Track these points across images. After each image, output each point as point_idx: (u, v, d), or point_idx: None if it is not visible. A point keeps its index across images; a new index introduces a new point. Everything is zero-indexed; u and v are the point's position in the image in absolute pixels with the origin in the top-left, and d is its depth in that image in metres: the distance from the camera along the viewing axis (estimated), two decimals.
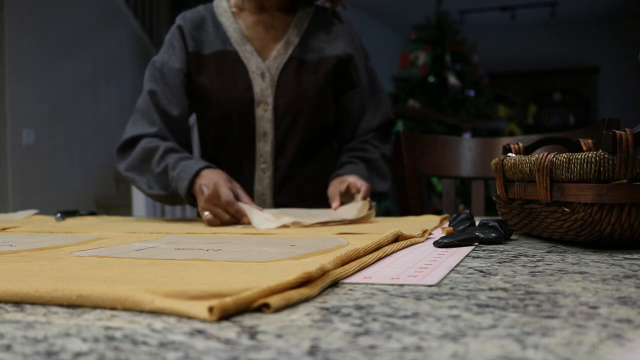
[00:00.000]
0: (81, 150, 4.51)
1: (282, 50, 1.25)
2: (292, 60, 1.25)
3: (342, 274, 0.47)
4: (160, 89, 1.22)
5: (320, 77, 1.25)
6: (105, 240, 0.76)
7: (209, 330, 0.33)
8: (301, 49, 1.26)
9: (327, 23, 1.31)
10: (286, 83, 1.24)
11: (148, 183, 1.17)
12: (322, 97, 1.27)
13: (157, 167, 1.14)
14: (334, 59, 1.26)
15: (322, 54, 1.26)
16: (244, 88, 1.24)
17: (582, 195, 0.62)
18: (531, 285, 0.44)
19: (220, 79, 1.24)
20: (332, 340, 0.30)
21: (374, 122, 1.32)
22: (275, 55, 1.25)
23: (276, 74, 1.24)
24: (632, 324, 0.33)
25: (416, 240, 0.69)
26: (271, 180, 1.27)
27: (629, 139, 0.60)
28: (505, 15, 6.99)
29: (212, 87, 1.24)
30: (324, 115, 1.29)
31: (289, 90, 1.24)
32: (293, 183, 1.29)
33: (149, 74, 1.25)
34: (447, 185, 1.43)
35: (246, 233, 0.84)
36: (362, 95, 1.32)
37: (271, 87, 1.24)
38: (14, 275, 0.48)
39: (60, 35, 4.30)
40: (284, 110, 1.24)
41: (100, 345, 0.30)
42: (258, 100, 1.24)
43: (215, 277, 0.47)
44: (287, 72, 1.24)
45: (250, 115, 1.24)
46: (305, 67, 1.25)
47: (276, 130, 1.25)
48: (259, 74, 1.24)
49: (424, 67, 5.19)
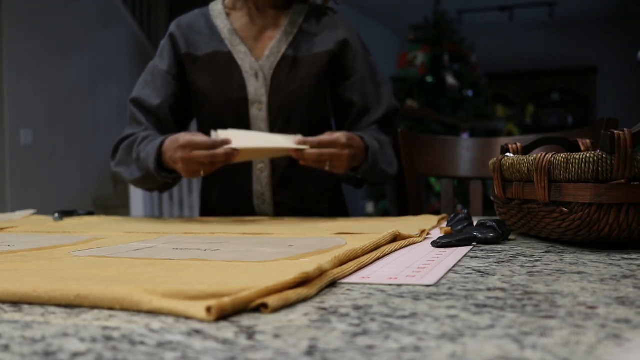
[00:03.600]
0: (79, 150, 4.50)
1: (275, 49, 1.25)
2: (285, 59, 1.25)
3: (340, 274, 0.47)
4: (148, 93, 1.27)
5: (314, 74, 1.25)
6: (103, 240, 0.76)
7: (206, 331, 0.33)
8: (295, 47, 1.26)
9: (320, 17, 1.30)
10: (279, 81, 1.24)
11: (131, 172, 1.22)
12: (317, 94, 1.27)
13: (135, 153, 1.20)
14: (327, 54, 1.26)
15: (315, 50, 1.26)
16: (238, 88, 1.24)
17: (580, 195, 0.62)
18: (529, 285, 0.44)
19: (214, 79, 1.26)
20: (330, 340, 0.30)
21: (377, 115, 1.30)
22: (268, 55, 1.25)
23: (269, 72, 1.25)
24: (630, 324, 0.33)
25: (414, 240, 0.69)
26: (270, 179, 1.27)
27: (627, 139, 0.60)
28: (504, 15, 6.99)
29: (206, 88, 1.26)
30: (319, 112, 1.29)
31: (282, 88, 1.24)
32: (292, 182, 1.29)
33: (141, 79, 1.31)
34: (445, 185, 1.43)
35: (244, 233, 0.84)
36: (362, 85, 1.30)
37: (265, 87, 1.24)
38: (12, 275, 0.48)
39: (58, 36, 4.29)
40: (277, 108, 1.25)
41: (98, 345, 0.30)
42: (252, 100, 1.25)
43: (213, 277, 0.47)
44: (280, 70, 1.25)
45: (245, 115, 1.25)
46: (299, 64, 1.25)
47: (271, 129, 1.25)
48: (252, 74, 1.24)
49: (422, 67, 5.19)
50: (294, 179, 1.29)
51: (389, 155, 1.28)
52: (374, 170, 1.21)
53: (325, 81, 1.29)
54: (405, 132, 1.41)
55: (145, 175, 1.18)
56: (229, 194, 1.31)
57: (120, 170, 1.25)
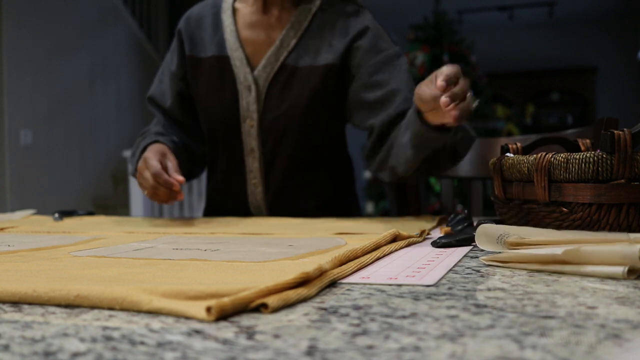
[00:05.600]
0: (79, 150, 4.50)
1: (272, 58, 1.15)
2: (283, 69, 1.14)
3: (340, 274, 0.47)
4: (160, 92, 1.27)
5: (309, 92, 1.13)
6: (103, 241, 0.76)
7: (206, 331, 0.33)
8: (296, 54, 1.14)
9: (333, 14, 1.16)
10: (273, 98, 1.15)
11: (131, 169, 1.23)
12: (312, 115, 1.15)
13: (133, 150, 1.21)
14: (327, 67, 1.12)
15: (317, 60, 1.14)
16: (230, 101, 1.18)
17: (580, 195, 0.62)
18: (529, 285, 0.44)
19: (210, 88, 1.20)
20: (330, 340, 0.30)
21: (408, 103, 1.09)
22: (265, 64, 1.15)
23: (264, 85, 1.15)
24: (630, 324, 0.33)
25: (414, 240, 0.69)
26: (264, 195, 1.21)
27: (627, 139, 0.60)
28: (504, 15, 6.99)
29: (202, 96, 1.21)
30: (313, 134, 1.18)
31: (274, 106, 1.15)
32: (287, 199, 1.22)
33: (159, 74, 1.31)
34: (445, 185, 1.43)
35: (244, 233, 0.84)
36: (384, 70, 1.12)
37: (257, 103, 1.16)
38: (12, 275, 0.48)
39: (58, 35, 4.29)
40: (268, 128, 1.16)
41: (98, 345, 0.30)
42: (244, 116, 1.17)
43: (213, 277, 0.46)
44: (275, 85, 1.15)
45: (237, 130, 1.19)
46: (296, 78, 1.14)
47: (263, 147, 1.18)
48: (246, 86, 1.16)
49: (422, 67, 5.18)
50: (288, 195, 1.21)
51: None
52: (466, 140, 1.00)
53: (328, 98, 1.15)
54: None
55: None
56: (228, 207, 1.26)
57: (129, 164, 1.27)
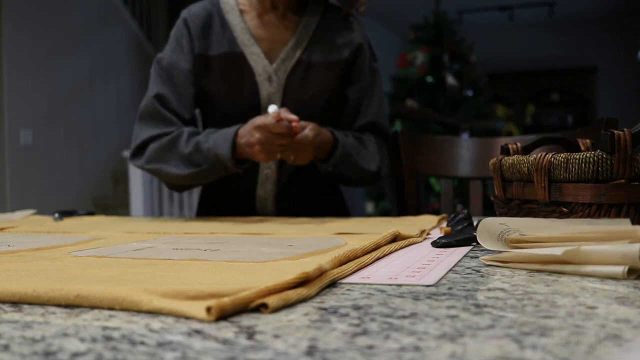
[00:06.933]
0: (79, 150, 4.50)
1: (290, 53, 1.20)
2: (300, 64, 1.20)
3: (340, 274, 0.47)
4: (169, 92, 1.19)
5: (328, 83, 1.22)
6: (103, 241, 0.76)
7: (206, 331, 0.33)
8: (309, 52, 1.21)
9: (336, 20, 1.25)
10: (294, 88, 1.20)
11: (176, 166, 1.15)
12: (330, 104, 1.23)
13: (187, 148, 1.13)
14: (343, 62, 1.23)
15: (329, 57, 1.22)
16: (250, 93, 1.19)
17: (580, 195, 0.62)
18: (529, 285, 0.44)
19: (226, 83, 1.20)
20: (330, 340, 0.30)
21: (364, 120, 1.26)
22: (284, 58, 1.20)
23: (283, 77, 1.20)
24: (630, 324, 0.33)
25: (414, 240, 0.69)
26: (274, 186, 1.24)
27: (627, 139, 0.60)
28: (504, 15, 7.00)
29: (217, 91, 1.20)
30: (331, 121, 1.23)
31: (296, 96, 1.20)
32: (295, 190, 1.26)
33: (155, 74, 1.21)
34: (445, 185, 1.43)
35: (244, 233, 0.84)
36: (362, 93, 1.26)
37: (279, 92, 1.19)
38: (12, 275, 0.48)
39: (58, 35, 4.29)
40: None
41: (98, 346, 0.30)
42: (264, 105, 1.19)
43: (213, 277, 0.46)
44: (295, 76, 1.20)
45: None
46: (312, 71, 1.21)
47: None
48: (265, 78, 1.19)
49: (422, 67, 5.19)
50: (298, 186, 1.25)
51: (372, 153, 1.22)
52: (348, 163, 1.17)
53: (340, 90, 1.25)
54: (405, 132, 1.41)
55: (202, 170, 1.12)
56: (230, 199, 1.27)
57: (156, 167, 1.16)
